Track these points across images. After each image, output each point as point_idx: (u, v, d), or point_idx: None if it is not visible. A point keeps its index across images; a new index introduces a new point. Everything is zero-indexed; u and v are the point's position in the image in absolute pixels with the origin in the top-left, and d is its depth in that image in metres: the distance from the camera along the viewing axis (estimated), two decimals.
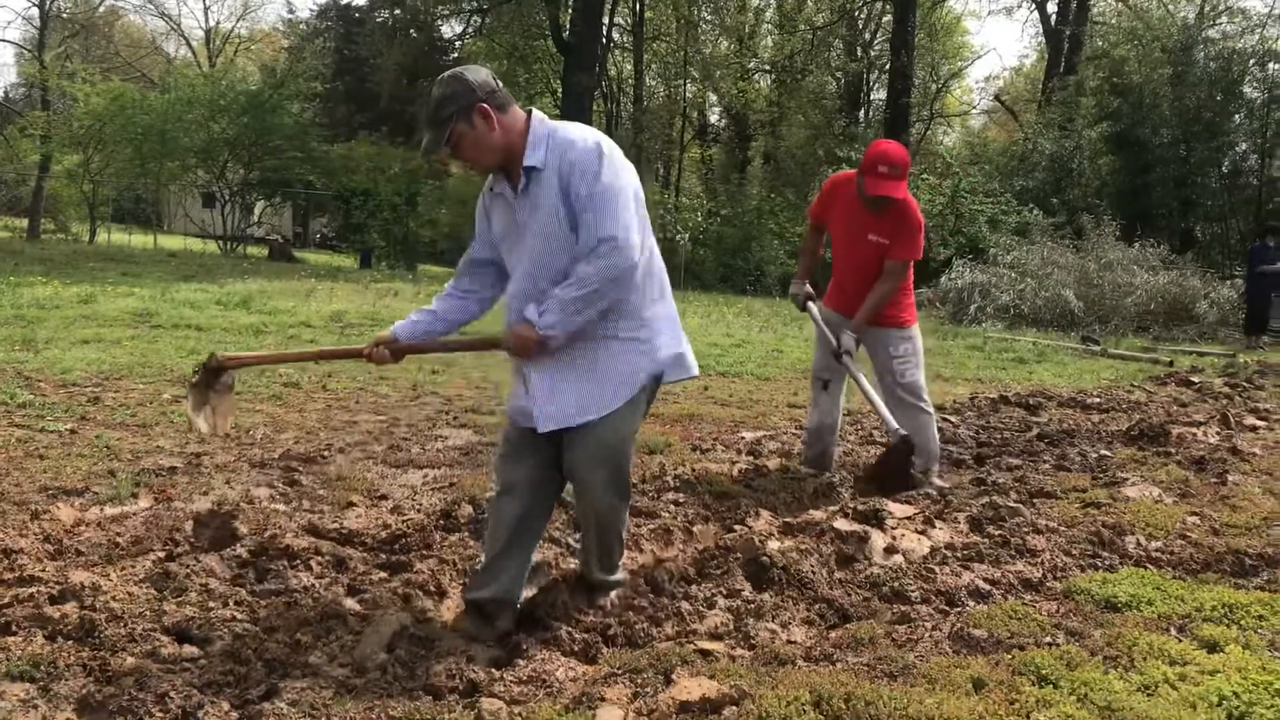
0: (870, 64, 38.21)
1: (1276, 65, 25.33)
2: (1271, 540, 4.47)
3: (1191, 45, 24.66)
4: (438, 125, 3.07)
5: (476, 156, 3.14)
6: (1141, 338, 16.33)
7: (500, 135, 3.10)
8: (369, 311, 12.60)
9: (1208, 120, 23.83)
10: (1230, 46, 25.05)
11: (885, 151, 5.05)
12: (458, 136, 3.07)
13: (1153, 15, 30.59)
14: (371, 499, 4.71)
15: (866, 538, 4.15)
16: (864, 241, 5.23)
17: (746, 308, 17.96)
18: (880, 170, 4.96)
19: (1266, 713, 2.67)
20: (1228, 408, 8.71)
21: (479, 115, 3.06)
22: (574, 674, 2.88)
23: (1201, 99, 23.83)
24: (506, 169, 3.19)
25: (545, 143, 3.12)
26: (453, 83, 3.08)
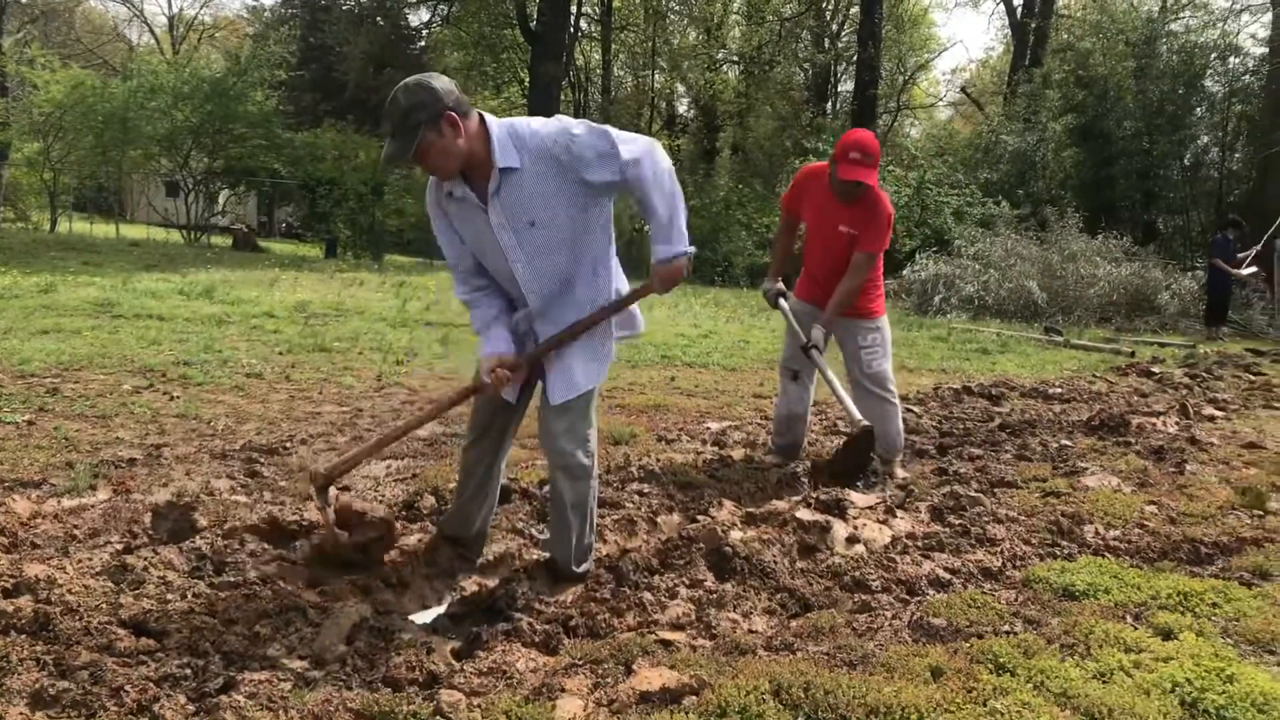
0: (838, 55, 38.30)
1: (1237, 59, 25.63)
2: (1226, 529, 4.54)
3: (1155, 38, 24.88)
4: (406, 133, 3.07)
5: (442, 164, 3.16)
6: (1104, 328, 16.49)
7: (465, 142, 3.14)
8: (334, 301, 12.52)
9: (1170, 113, 24.05)
10: (1192, 40, 25.29)
11: (858, 139, 5.08)
12: (426, 145, 3.09)
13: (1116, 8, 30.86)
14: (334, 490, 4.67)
15: (829, 527, 4.17)
16: (835, 233, 5.26)
17: (714, 298, 17.99)
18: (852, 156, 4.99)
19: (1218, 698, 2.71)
20: (1187, 398, 8.82)
21: (447, 123, 3.09)
22: (534, 665, 2.88)
23: (1164, 92, 24.05)
24: (466, 174, 3.24)
25: (510, 143, 3.19)
26: (420, 91, 3.08)
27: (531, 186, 3.20)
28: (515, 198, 3.20)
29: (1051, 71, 26.71)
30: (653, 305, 15.36)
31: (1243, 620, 3.36)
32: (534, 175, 3.19)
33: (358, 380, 7.57)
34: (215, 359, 7.85)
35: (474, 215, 3.29)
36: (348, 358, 8.53)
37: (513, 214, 3.22)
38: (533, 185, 3.20)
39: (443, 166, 3.17)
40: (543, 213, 3.23)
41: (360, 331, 10.10)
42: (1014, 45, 34.60)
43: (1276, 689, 2.76)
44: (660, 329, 11.92)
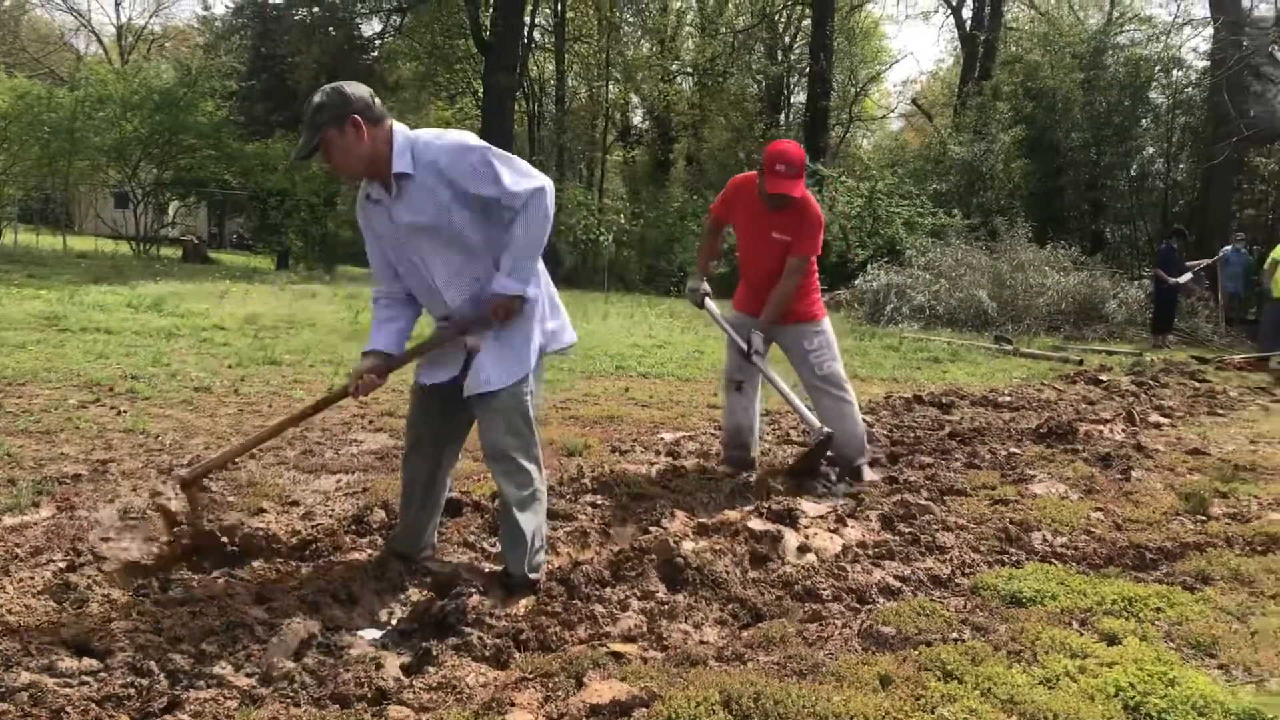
0: (790, 67, 38.57)
1: (1180, 72, 26.14)
2: (1171, 535, 4.62)
3: (1101, 51, 25.32)
4: (312, 130, 3.32)
5: (343, 163, 3.38)
6: (1052, 337, 16.71)
7: (368, 145, 3.36)
8: (285, 314, 12.41)
9: (1117, 125, 24.46)
10: (1137, 53, 25.76)
11: (783, 151, 5.16)
12: (327, 141, 3.33)
13: (1064, 22, 31.38)
14: (283, 505, 4.64)
15: (780, 537, 4.19)
16: (768, 240, 5.34)
17: (669, 309, 18.04)
18: (778, 169, 5.08)
19: (1160, 702, 2.75)
20: (1133, 406, 8.97)
21: (350, 125, 3.31)
22: (484, 680, 2.86)
23: (1111, 104, 24.46)
24: (380, 178, 3.45)
25: (409, 150, 3.40)
26: (331, 93, 3.34)
27: (422, 193, 3.40)
28: (409, 203, 3.41)
29: (1000, 84, 27.07)
30: (606, 315, 15.39)
31: (1185, 624, 3.42)
32: (424, 183, 3.39)
33: (309, 394, 7.49)
34: (164, 373, 7.74)
35: (382, 218, 3.51)
36: (298, 371, 8.45)
37: (410, 218, 3.42)
38: (423, 192, 3.40)
39: (344, 165, 3.38)
40: (436, 218, 3.41)
41: (312, 344, 10.02)
42: (963, 58, 35.03)
43: (1216, 692, 2.81)
44: (615, 340, 11.93)
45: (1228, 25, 22.01)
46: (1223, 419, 8.81)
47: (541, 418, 7.08)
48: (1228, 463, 6.48)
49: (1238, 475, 6.06)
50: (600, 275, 25.10)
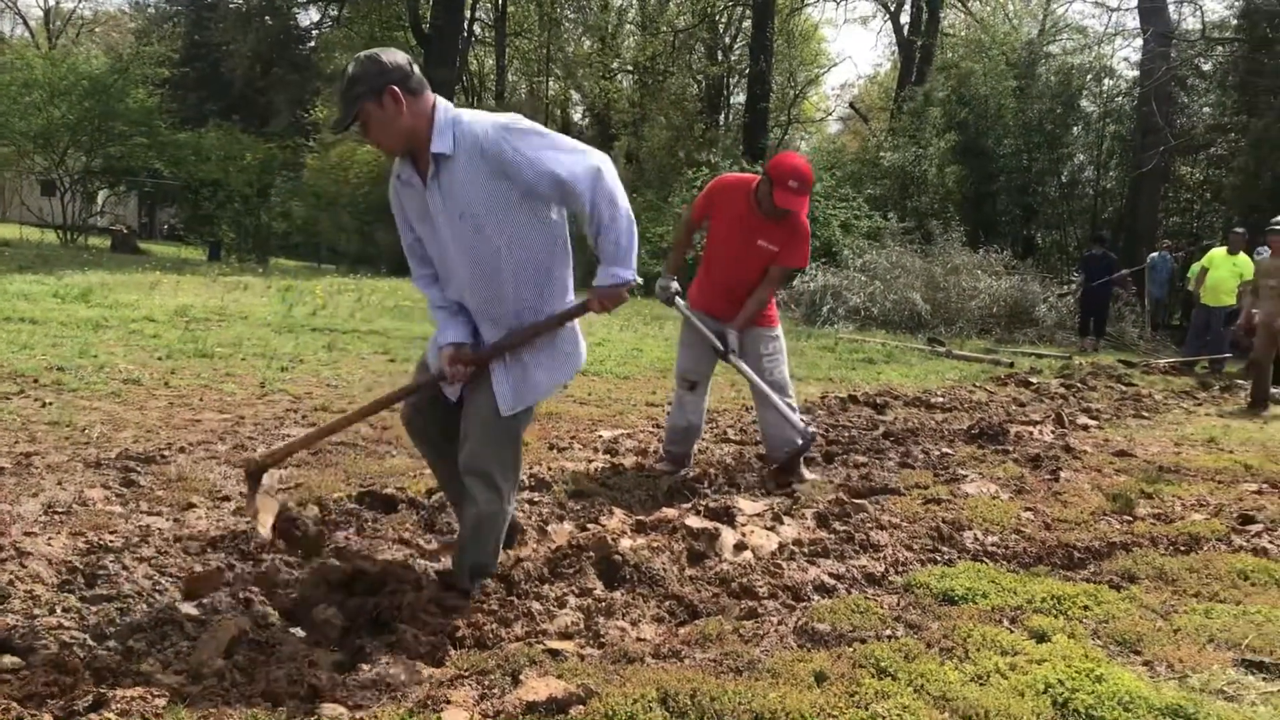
0: (730, 68, 38.77)
1: (1111, 81, 26.74)
2: (1098, 534, 4.71)
3: (1034, 60, 25.78)
4: (348, 103, 3.10)
5: (381, 138, 3.18)
6: (984, 339, 16.98)
7: (408, 119, 3.14)
8: (216, 306, 12.20)
9: (1048, 132, 24.93)
10: (1070, 62, 26.28)
11: (797, 167, 5.19)
12: (365, 115, 3.12)
13: (999, 30, 31.90)
14: (214, 500, 4.55)
15: (717, 535, 4.21)
16: (753, 246, 5.37)
17: None
18: (790, 185, 5.12)
19: (1087, 698, 2.80)
20: (1062, 408, 9.15)
21: (389, 97, 3.09)
22: (419, 677, 2.83)
23: (1043, 111, 24.91)
24: (414, 155, 3.25)
25: (451, 130, 3.18)
26: (367, 62, 3.11)
27: (462, 176, 3.18)
28: (449, 186, 3.20)
29: (934, 89, 27.42)
30: None
31: (1112, 622, 3.50)
32: (464, 166, 3.18)
33: (240, 387, 7.38)
34: (91, 364, 7.57)
35: (417, 200, 3.31)
36: (230, 364, 8.31)
37: (447, 203, 3.22)
38: (463, 176, 3.18)
39: (382, 140, 3.19)
40: (473, 206, 3.21)
41: (243, 337, 9.86)
42: (901, 63, 35.47)
43: (1141, 688, 2.88)
44: None
45: (1156, 37, 22.53)
46: (1148, 422, 9.02)
47: None
48: (1153, 464, 6.64)
49: (1162, 476, 6.21)
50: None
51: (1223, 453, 7.38)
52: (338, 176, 26.54)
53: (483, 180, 3.19)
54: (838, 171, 25.76)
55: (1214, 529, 4.87)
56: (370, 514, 4.39)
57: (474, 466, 3.44)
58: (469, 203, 3.20)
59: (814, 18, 42.75)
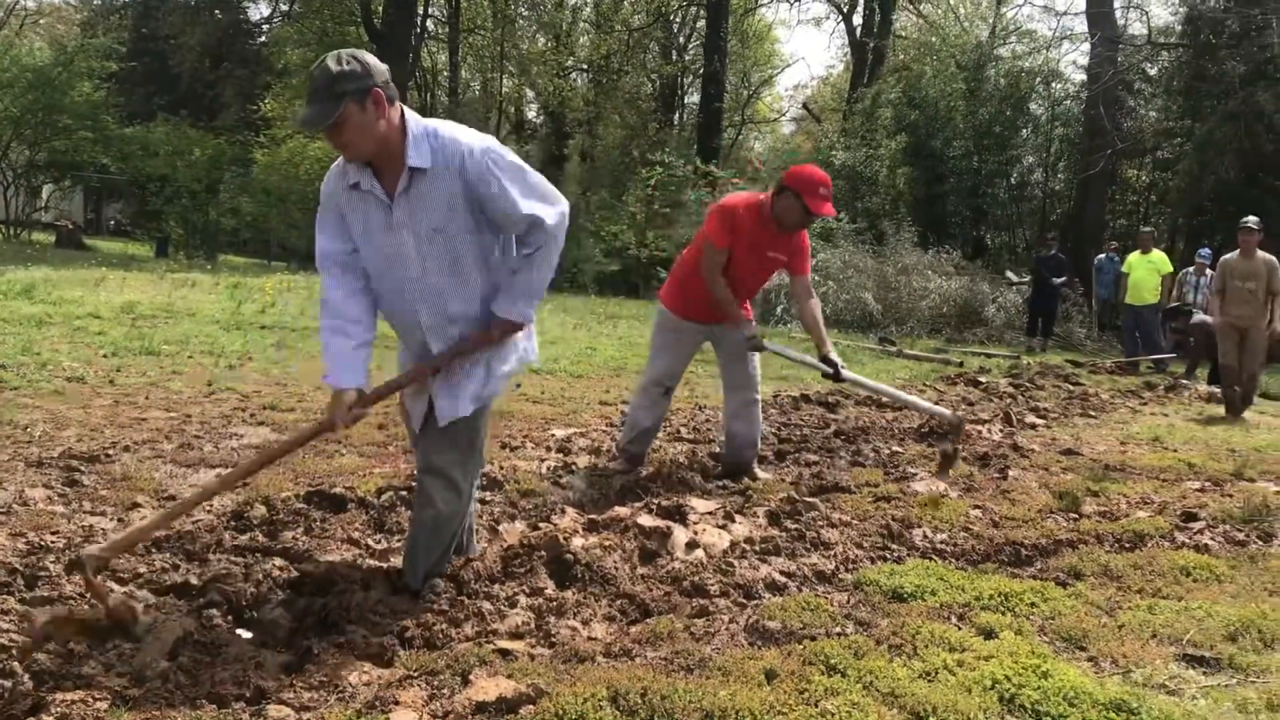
0: (685, 68, 38.82)
1: (1059, 84, 27.09)
2: (1045, 532, 4.77)
3: (984, 63, 26.05)
4: (331, 99, 2.96)
5: (356, 141, 3.05)
6: (935, 339, 17.15)
7: (384, 126, 3.05)
8: (164, 303, 12.03)
9: (998, 134, 25.20)
10: (1019, 65, 26.59)
11: (820, 176, 5.36)
12: (346, 117, 2.98)
13: (949, 32, 32.22)
14: (159, 500, 4.49)
15: (669, 533, 4.21)
16: (765, 259, 5.56)
17: (561, 305, 17.98)
18: (821, 192, 5.29)
19: (1033, 694, 2.84)
20: (1010, 407, 9.25)
21: (373, 100, 3.01)
22: (368, 678, 2.81)
23: (992, 114, 25.18)
24: (375, 165, 3.15)
25: (427, 142, 3.12)
26: (353, 61, 3.00)
27: (437, 192, 3.13)
28: (421, 201, 3.13)
29: (882, 91, 27.61)
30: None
31: (1058, 619, 3.54)
32: (441, 182, 3.13)
33: (187, 385, 7.28)
34: (34, 362, 7.43)
35: (375, 212, 3.19)
36: (177, 362, 8.19)
37: (417, 218, 3.15)
38: (439, 191, 3.13)
39: (356, 145, 3.05)
40: (447, 223, 3.17)
41: (191, 334, 9.73)
42: (853, 64, 35.70)
43: (1086, 683, 2.91)
44: None
45: (1104, 41, 22.85)
46: (1095, 421, 9.14)
47: None
48: (1099, 463, 6.74)
49: (1108, 475, 6.30)
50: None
51: (1167, 451, 7.50)
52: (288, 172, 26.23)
53: (458, 198, 3.16)
54: None
55: (1158, 526, 4.94)
56: (319, 514, 4.35)
57: (432, 465, 3.41)
58: (442, 219, 3.16)
59: (768, 18, 42.98)
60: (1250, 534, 4.99)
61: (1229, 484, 6.26)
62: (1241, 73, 19.34)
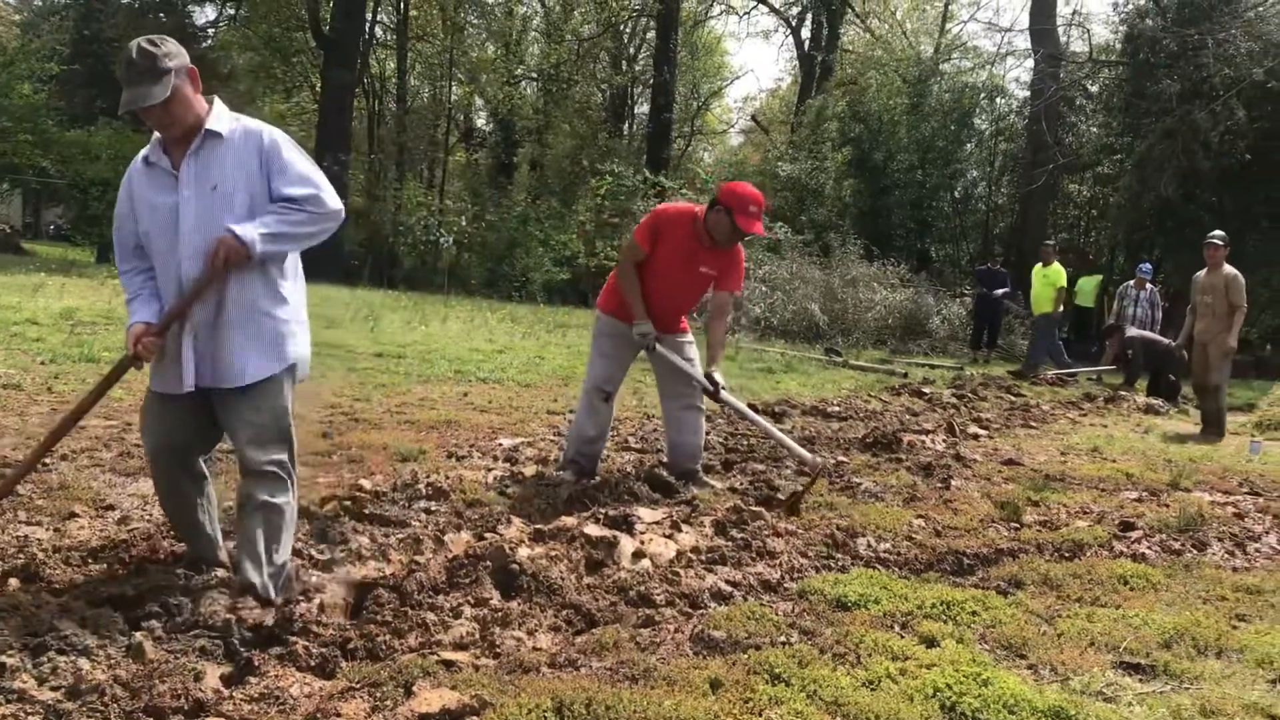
0: (635, 78, 38.90)
1: (1003, 100, 27.53)
2: (986, 541, 4.84)
3: (928, 77, 26.40)
4: (161, 76, 3.12)
5: (182, 116, 3.22)
6: (880, 350, 17.31)
7: (200, 102, 3.29)
8: (104, 309, 11.81)
9: (942, 148, 25.53)
10: (964, 81, 26.99)
11: (752, 194, 5.41)
12: (177, 90, 3.18)
13: (895, 47, 32.61)
14: (97, 509, 4.41)
15: (616, 543, 4.21)
16: (695, 273, 5.55)
17: (510, 314, 17.92)
18: (751, 210, 5.34)
19: (974, 702, 2.87)
20: (953, 417, 9.36)
21: (190, 77, 3.25)
22: (310, 690, 2.77)
23: (936, 128, 25.51)
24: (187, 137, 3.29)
25: (229, 119, 3.35)
26: (170, 43, 3.20)
27: (230, 157, 3.29)
28: (208, 161, 3.28)
29: (827, 104, 27.85)
30: (446, 318, 15.20)
31: (998, 627, 3.59)
32: (236, 149, 3.30)
33: (128, 393, 7.14)
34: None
35: (160, 182, 3.32)
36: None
37: (202, 175, 3.28)
38: (232, 157, 3.29)
39: (181, 120, 3.22)
40: (228, 183, 3.28)
41: None
42: (801, 77, 35.98)
43: (1025, 691, 2.96)
44: (454, 345, 11.79)
45: (1047, 58, 23.25)
46: (1036, 431, 9.29)
47: (376, 420, 6.96)
48: (1039, 473, 6.84)
49: (1048, 485, 6.40)
50: (440, 278, 24.74)
51: (1106, 461, 7.64)
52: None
53: (249, 166, 3.31)
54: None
55: (1096, 536, 5.03)
56: None
57: (251, 455, 3.36)
58: (226, 178, 3.28)
59: (717, 30, 43.16)
60: (1185, 543, 5.10)
61: (1165, 494, 6.39)
62: (1178, 91, 19.76)
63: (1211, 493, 6.63)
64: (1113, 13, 23.66)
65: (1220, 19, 19.75)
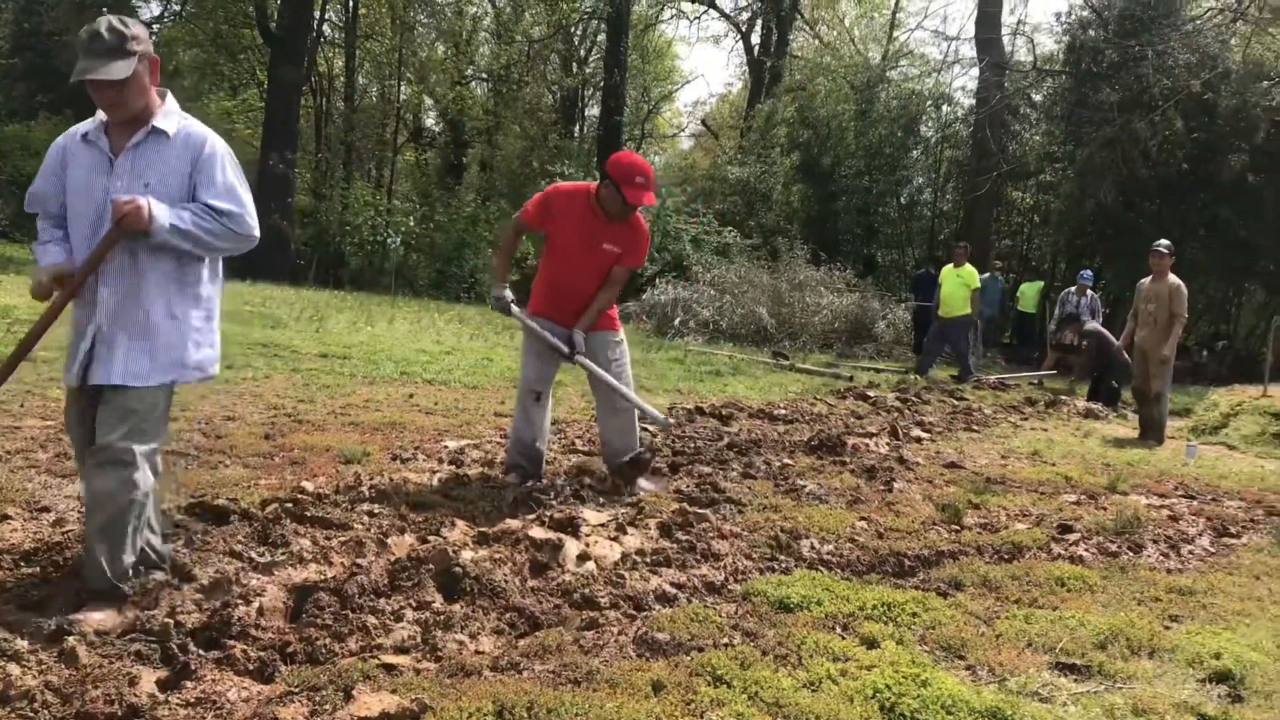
0: (585, 81, 38.88)
1: (949, 108, 27.89)
2: (927, 543, 4.90)
3: (876, 84, 26.67)
4: (126, 56, 3.14)
5: (133, 100, 3.23)
6: (826, 354, 17.44)
7: (152, 93, 3.31)
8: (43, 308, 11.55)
9: (889, 155, 25.81)
10: (910, 88, 27.29)
11: (637, 163, 5.36)
12: (137, 73, 3.19)
13: (844, 54, 32.90)
14: (31, 511, 4.33)
15: (561, 545, 4.21)
16: (598, 251, 5.48)
17: (458, 315, 17.81)
18: (638, 181, 5.29)
19: (913, 702, 2.91)
20: (897, 421, 9.46)
21: (151, 65, 3.28)
22: (247, 694, 2.74)
23: (883, 134, 25.78)
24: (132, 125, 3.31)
25: (178, 119, 3.37)
26: (139, 26, 3.22)
27: (171, 158, 3.31)
28: (150, 157, 3.30)
29: (777, 110, 28.03)
30: (393, 319, 15.08)
31: (938, 628, 3.63)
32: (176, 150, 3.32)
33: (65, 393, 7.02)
34: None
35: (95, 163, 3.31)
36: (55, 368, 7.89)
37: (138, 170, 3.29)
38: (171, 156, 3.31)
39: (131, 104, 3.24)
40: (162, 183, 3.29)
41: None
42: (751, 83, 36.17)
43: (963, 691, 3.00)
44: (401, 345, 11.70)
45: (991, 67, 23.59)
46: (977, 435, 9.41)
47: (319, 422, 6.89)
48: (980, 476, 6.94)
49: (989, 487, 6.50)
50: (387, 278, 24.53)
51: (1045, 465, 7.76)
52: None
53: (183, 173, 3.33)
54: (689, 187, 26.13)
55: (1035, 538, 5.11)
56: (200, 525, 4.23)
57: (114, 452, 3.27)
58: (161, 178, 3.29)
59: (668, 34, 43.26)
60: (1122, 545, 5.20)
61: (1103, 497, 6.51)
62: (1119, 101, 20.14)
63: (1148, 496, 6.77)
64: (1056, 23, 24.11)
65: (1160, 31, 20.17)
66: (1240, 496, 7.06)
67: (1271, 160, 19.85)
